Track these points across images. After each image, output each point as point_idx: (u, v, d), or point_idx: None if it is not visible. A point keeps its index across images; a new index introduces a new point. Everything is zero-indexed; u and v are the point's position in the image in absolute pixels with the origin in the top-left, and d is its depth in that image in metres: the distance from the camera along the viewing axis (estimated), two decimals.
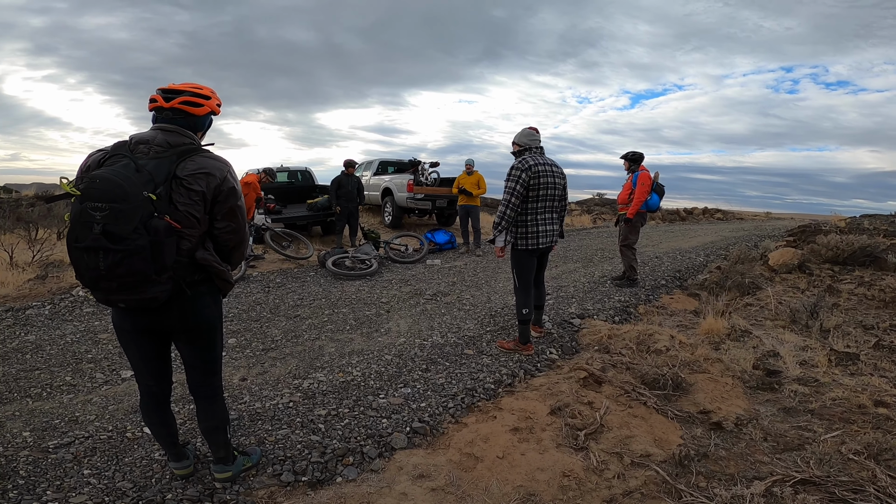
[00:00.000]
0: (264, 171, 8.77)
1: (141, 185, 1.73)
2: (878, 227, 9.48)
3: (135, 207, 1.69)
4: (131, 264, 1.71)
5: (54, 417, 2.94)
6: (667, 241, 11.79)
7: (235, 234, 2.05)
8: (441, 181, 11.89)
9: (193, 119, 2.01)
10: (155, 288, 1.81)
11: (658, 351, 3.92)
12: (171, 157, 1.86)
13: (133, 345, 2.08)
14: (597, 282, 6.95)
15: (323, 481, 2.43)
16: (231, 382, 3.47)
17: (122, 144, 1.89)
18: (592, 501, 2.26)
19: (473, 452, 2.65)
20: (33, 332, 4.53)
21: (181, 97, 1.96)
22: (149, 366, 2.14)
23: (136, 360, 2.12)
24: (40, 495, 2.20)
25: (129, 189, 1.70)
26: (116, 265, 1.70)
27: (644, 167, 6.56)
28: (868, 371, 3.65)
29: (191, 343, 2.12)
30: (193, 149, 1.93)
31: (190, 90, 1.99)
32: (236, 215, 2.03)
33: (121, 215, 1.68)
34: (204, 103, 2.01)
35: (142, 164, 1.79)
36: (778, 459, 2.52)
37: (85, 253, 1.71)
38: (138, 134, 1.93)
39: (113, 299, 1.84)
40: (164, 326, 2.02)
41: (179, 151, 1.88)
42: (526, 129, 4.00)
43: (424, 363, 3.89)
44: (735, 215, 24.50)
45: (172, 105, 1.95)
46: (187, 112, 1.98)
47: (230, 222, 2.01)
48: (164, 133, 1.92)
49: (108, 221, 1.67)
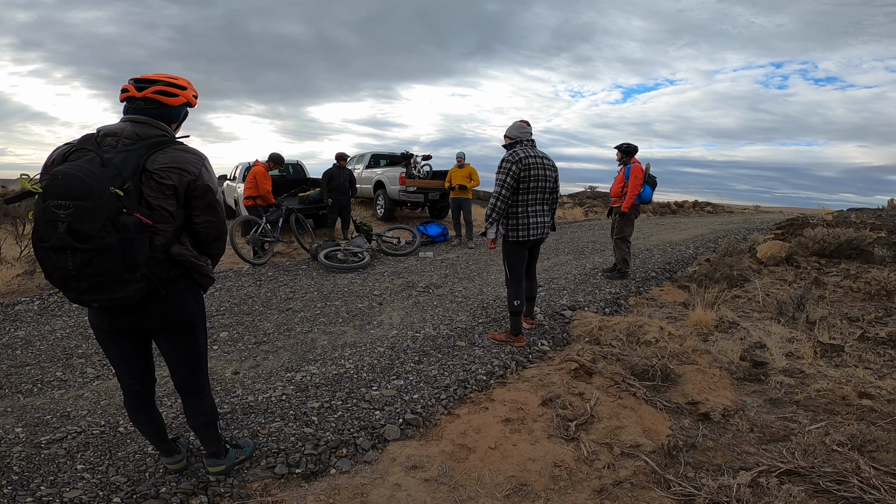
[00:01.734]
0: (270, 157, 8.54)
1: (107, 179, 1.64)
2: (864, 220, 9.61)
3: (100, 204, 1.61)
4: (101, 263, 1.65)
5: (46, 413, 2.93)
6: (657, 234, 11.88)
7: (215, 227, 2.00)
8: (433, 174, 11.88)
9: (167, 109, 1.92)
10: (128, 287, 1.74)
11: (648, 342, 3.97)
12: (139, 149, 1.77)
13: (112, 344, 2.01)
14: (588, 274, 7.00)
15: (316, 473, 2.45)
16: (223, 376, 3.48)
17: (88, 137, 1.79)
18: (583, 491, 2.29)
19: (466, 443, 2.68)
20: (23, 327, 4.49)
21: (154, 86, 1.88)
22: (130, 365, 2.07)
23: (117, 360, 2.06)
24: (34, 490, 2.20)
25: (94, 185, 1.61)
26: (85, 265, 1.64)
27: (636, 159, 6.58)
28: (853, 363, 3.72)
29: (172, 341, 2.06)
30: (165, 141, 1.85)
31: (164, 80, 1.92)
32: (216, 210, 1.97)
33: (86, 213, 1.60)
34: (179, 93, 1.93)
35: (108, 157, 1.70)
36: (764, 450, 2.57)
37: (52, 252, 1.63)
38: (106, 126, 1.84)
39: (85, 299, 1.77)
40: (143, 325, 1.96)
41: (150, 144, 1.79)
42: (517, 122, 4.02)
43: (417, 355, 3.92)
44: (725, 209, 24.68)
45: (145, 95, 1.86)
46: (161, 102, 1.89)
47: (210, 217, 1.95)
48: (135, 125, 1.84)
49: (73, 220, 1.59)
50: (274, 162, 8.36)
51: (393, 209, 12.08)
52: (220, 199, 2.01)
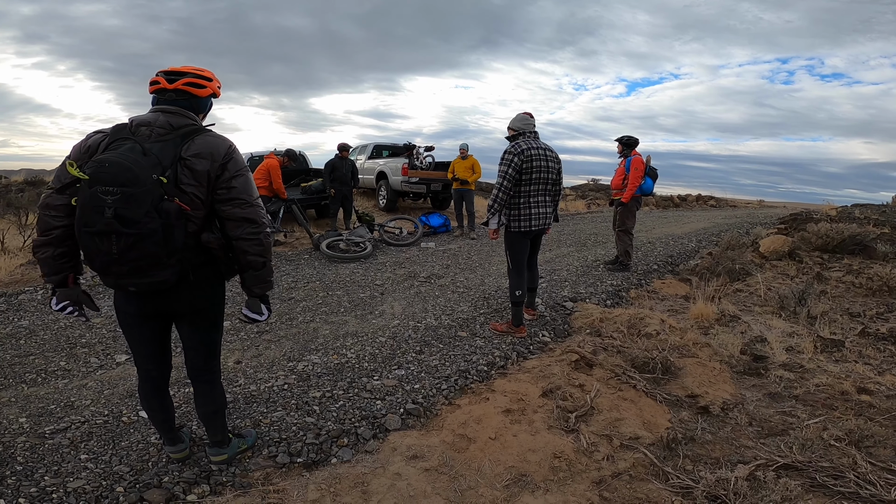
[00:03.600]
0: (286, 153, 8.48)
1: (149, 168, 1.73)
2: (868, 216, 9.57)
3: (146, 191, 1.70)
4: (144, 248, 1.73)
5: (50, 403, 2.95)
6: (660, 227, 11.86)
7: (242, 212, 1.98)
8: (436, 165, 11.86)
9: (196, 100, 2.00)
10: (165, 271, 1.82)
11: (648, 335, 3.98)
12: (175, 139, 1.84)
13: (135, 328, 2.09)
14: (590, 266, 7.00)
15: (318, 462, 2.47)
16: (226, 365, 3.49)
17: (122, 127, 1.86)
18: (582, 482, 2.31)
19: (466, 433, 2.70)
20: (26, 317, 4.52)
21: (185, 78, 1.95)
22: (149, 350, 2.15)
23: (137, 344, 2.13)
24: (38, 480, 2.22)
25: (139, 173, 1.70)
26: (129, 248, 1.71)
27: (637, 152, 6.58)
28: (853, 358, 3.73)
29: (195, 325, 2.13)
30: (196, 129, 1.92)
31: (193, 72, 1.98)
32: (241, 196, 1.96)
33: (132, 199, 1.68)
34: (207, 84, 2.00)
35: (147, 147, 1.77)
36: (762, 444, 2.58)
37: (97, 237, 1.71)
38: (139, 116, 1.91)
39: (123, 283, 1.85)
40: (171, 308, 2.03)
41: (183, 133, 1.87)
42: (520, 114, 4.04)
43: (418, 345, 3.93)
44: (728, 203, 24.60)
45: (176, 86, 1.94)
46: (191, 94, 1.97)
47: (235, 203, 1.95)
48: (167, 115, 1.90)
49: (120, 205, 1.67)
50: (289, 158, 8.40)
51: (395, 200, 12.08)
52: (249, 183, 1.99)
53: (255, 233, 1.97)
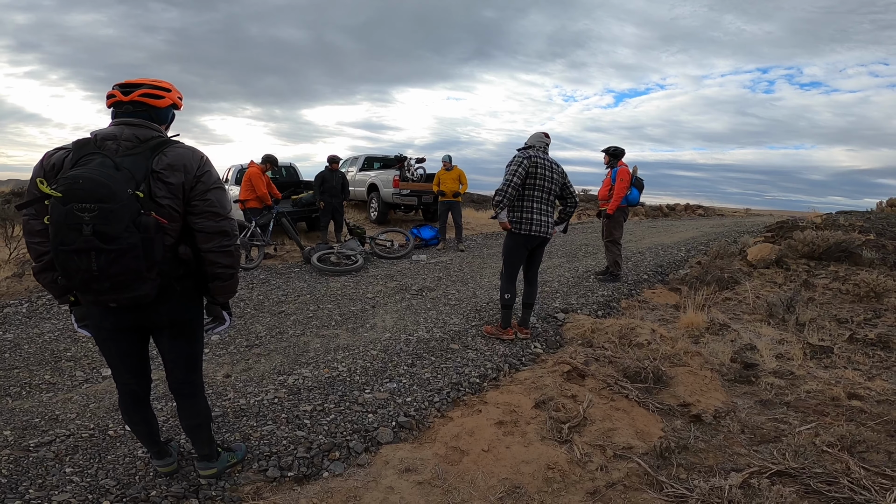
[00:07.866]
0: (266, 159, 8.33)
1: (124, 182, 1.68)
2: (853, 223, 9.72)
3: (123, 206, 1.66)
4: (125, 263, 1.69)
5: (34, 416, 2.90)
6: (649, 237, 11.95)
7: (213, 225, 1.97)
8: (427, 177, 11.89)
9: (156, 111, 1.95)
10: (146, 285, 1.79)
11: (640, 344, 3.99)
12: (144, 152, 1.80)
13: (111, 343, 2.04)
14: (581, 276, 7.03)
15: (309, 476, 2.44)
16: (215, 379, 3.45)
17: (86, 142, 1.79)
18: (576, 493, 2.30)
19: (459, 446, 2.68)
20: (11, 330, 4.44)
21: (140, 90, 1.90)
22: (128, 364, 2.10)
23: (114, 359, 2.08)
24: (23, 493, 2.18)
25: (116, 188, 1.65)
26: (110, 264, 1.68)
27: (623, 162, 6.66)
28: (842, 364, 3.76)
29: (174, 338, 2.09)
30: (164, 141, 1.88)
31: (149, 83, 1.94)
32: (215, 210, 1.96)
33: (111, 215, 1.64)
34: (165, 95, 1.96)
35: (118, 161, 1.73)
36: (755, 451, 2.58)
37: (75, 255, 1.66)
38: (102, 130, 1.85)
39: (104, 299, 1.80)
40: (150, 322, 2.00)
41: (152, 146, 1.83)
42: (537, 133, 4.37)
43: (410, 358, 3.91)
44: (716, 211, 24.89)
45: (132, 98, 1.88)
46: (148, 105, 1.92)
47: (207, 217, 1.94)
48: (131, 128, 1.85)
49: (99, 222, 1.63)
50: (270, 163, 8.29)
51: (386, 212, 12.07)
52: (223, 196, 1.98)
53: (226, 245, 1.98)
